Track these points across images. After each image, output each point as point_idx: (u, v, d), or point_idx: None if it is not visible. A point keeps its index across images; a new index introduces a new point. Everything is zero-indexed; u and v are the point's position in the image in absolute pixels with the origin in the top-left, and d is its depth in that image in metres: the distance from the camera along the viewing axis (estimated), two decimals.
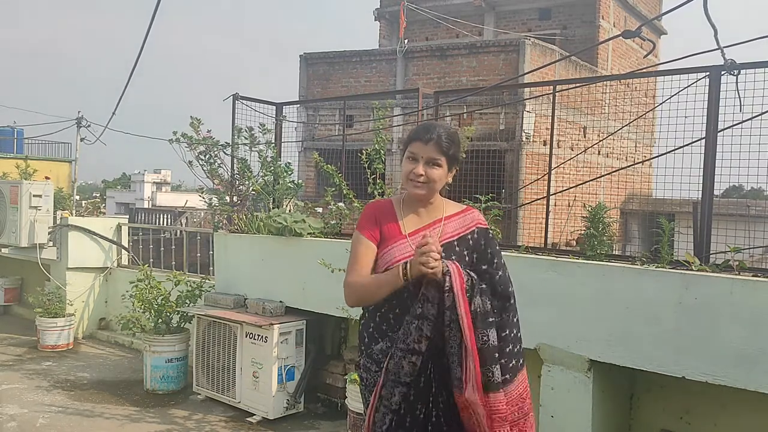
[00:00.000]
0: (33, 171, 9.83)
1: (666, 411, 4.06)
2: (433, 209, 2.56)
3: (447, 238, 2.49)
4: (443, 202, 2.61)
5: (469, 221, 2.57)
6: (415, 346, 2.33)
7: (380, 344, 2.46)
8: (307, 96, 14.92)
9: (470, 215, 2.59)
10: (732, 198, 7.70)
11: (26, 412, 5.34)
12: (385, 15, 18.83)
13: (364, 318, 2.60)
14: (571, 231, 8.84)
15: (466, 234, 2.53)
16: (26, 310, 8.82)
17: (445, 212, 2.56)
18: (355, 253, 2.53)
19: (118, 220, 8.78)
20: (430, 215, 2.55)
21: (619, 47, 16.99)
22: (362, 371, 2.54)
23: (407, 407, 2.40)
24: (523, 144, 11.99)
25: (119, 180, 58.00)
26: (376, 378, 2.46)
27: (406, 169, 2.48)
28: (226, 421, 5.30)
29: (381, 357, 2.44)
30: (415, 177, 2.45)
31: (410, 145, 2.49)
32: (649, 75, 6.51)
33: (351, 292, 2.48)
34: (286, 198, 6.32)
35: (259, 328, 5.26)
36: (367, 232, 2.52)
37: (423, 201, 2.53)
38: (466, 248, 2.50)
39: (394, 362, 2.37)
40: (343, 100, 8.21)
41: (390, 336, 2.44)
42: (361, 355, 2.55)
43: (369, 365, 2.49)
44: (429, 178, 2.45)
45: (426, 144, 2.45)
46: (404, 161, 2.50)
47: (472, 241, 2.52)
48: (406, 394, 2.39)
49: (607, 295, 3.80)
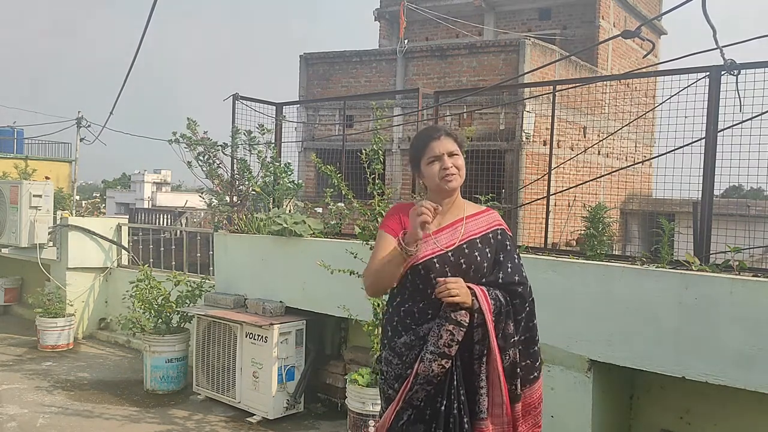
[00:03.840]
0: (33, 171, 9.84)
1: (666, 411, 4.05)
2: (455, 208, 2.61)
3: (470, 236, 2.54)
4: (464, 202, 2.66)
5: (492, 220, 2.63)
6: (446, 350, 2.39)
7: (404, 338, 2.50)
8: (307, 96, 14.92)
9: (491, 215, 2.66)
10: (732, 198, 7.70)
11: (26, 412, 5.34)
12: (385, 15, 18.83)
13: (388, 312, 2.65)
14: (571, 231, 8.85)
15: (488, 233, 2.58)
16: (26, 310, 8.82)
17: (466, 212, 2.61)
18: (375, 248, 2.60)
19: (118, 220, 8.78)
20: (453, 214, 2.59)
21: (619, 47, 16.98)
22: (383, 364, 2.58)
23: (427, 401, 2.45)
24: (523, 144, 11.98)
25: (119, 180, 57.99)
26: (396, 371, 2.50)
27: (433, 171, 2.53)
28: (226, 421, 5.30)
29: (404, 350, 2.49)
30: (445, 171, 2.51)
31: (426, 150, 2.54)
32: (649, 75, 6.51)
33: (367, 279, 2.57)
34: (285, 198, 6.32)
35: (259, 328, 5.26)
36: (390, 228, 2.58)
37: (450, 195, 2.57)
38: (488, 246, 2.55)
39: (424, 365, 2.41)
40: (343, 100, 8.22)
41: (414, 329, 2.48)
42: (384, 348, 2.60)
43: (391, 358, 2.53)
44: (457, 167, 2.53)
45: (440, 140, 2.54)
46: (426, 168, 2.55)
47: (494, 240, 2.58)
48: (428, 392, 2.44)
49: (607, 295, 3.80)
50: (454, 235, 2.53)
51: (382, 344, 2.62)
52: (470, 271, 2.48)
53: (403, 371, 2.48)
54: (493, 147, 11.51)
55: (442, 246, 2.50)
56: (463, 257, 2.49)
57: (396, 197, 10.74)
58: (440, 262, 2.47)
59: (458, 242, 2.51)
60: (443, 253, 2.48)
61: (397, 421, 2.47)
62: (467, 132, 5.34)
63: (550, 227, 5.27)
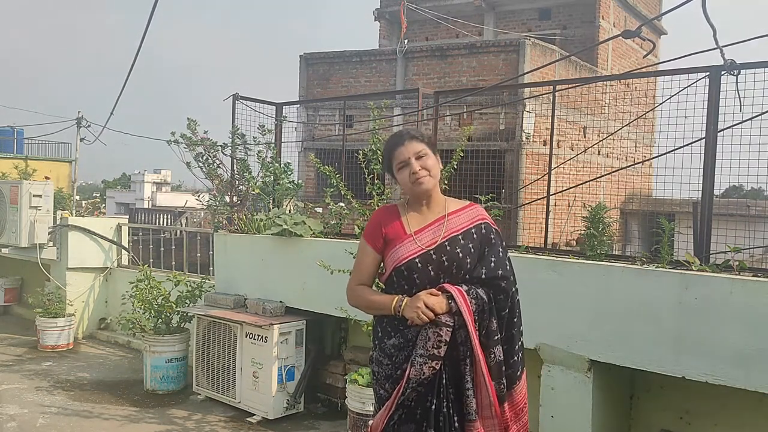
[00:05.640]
0: (33, 171, 9.84)
1: (666, 411, 4.05)
2: (436, 207, 2.61)
3: (452, 232, 2.55)
4: (445, 199, 2.66)
5: (475, 215, 2.62)
6: (435, 351, 2.42)
7: (393, 339, 2.53)
8: (307, 96, 14.91)
9: (474, 210, 2.65)
10: (732, 198, 7.70)
11: (26, 413, 5.34)
12: (385, 15, 18.82)
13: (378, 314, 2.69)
14: (571, 231, 8.85)
15: (470, 228, 2.57)
16: (26, 310, 8.82)
17: (447, 209, 2.61)
18: (358, 260, 2.69)
19: (118, 221, 8.79)
20: (434, 213, 2.60)
21: (619, 47, 16.97)
22: (374, 365, 2.62)
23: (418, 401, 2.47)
24: (523, 144, 11.98)
25: (119, 180, 57.95)
26: (387, 371, 2.53)
27: (404, 176, 2.56)
28: (225, 421, 5.30)
29: (393, 351, 2.52)
30: (414, 175, 2.52)
31: (394, 157, 2.58)
32: (649, 75, 6.51)
33: (351, 298, 2.68)
34: (285, 198, 6.32)
35: (259, 328, 5.26)
36: (370, 239, 2.63)
37: (427, 196, 2.59)
38: (471, 241, 2.55)
39: (415, 369, 2.43)
40: (343, 100, 8.21)
41: (402, 331, 2.51)
42: (374, 348, 2.64)
43: (381, 359, 2.57)
44: (426, 168, 2.53)
45: (404, 144, 2.56)
46: (398, 174, 2.59)
47: (477, 235, 2.57)
48: (419, 392, 2.46)
49: (607, 295, 3.80)
50: (437, 233, 2.54)
51: (373, 345, 2.66)
52: (452, 268, 2.50)
53: (393, 371, 2.51)
54: (493, 147, 11.51)
55: (424, 245, 2.52)
56: (445, 254, 2.51)
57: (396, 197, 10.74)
58: (422, 262, 2.50)
59: (440, 240, 2.52)
60: (425, 252, 2.51)
61: (388, 421, 2.49)
62: (467, 132, 5.35)
63: (550, 227, 5.27)
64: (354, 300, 2.66)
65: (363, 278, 2.64)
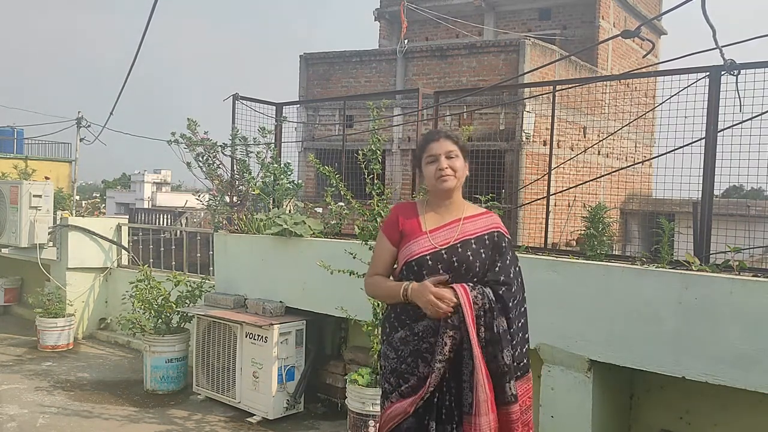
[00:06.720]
0: (32, 171, 9.83)
1: (666, 411, 4.05)
2: (454, 209, 2.66)
3: (465, 236, 2.60)
4: (464, 203, 2.71)
5: (490, 223, 2.67)
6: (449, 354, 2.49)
7: (400, 333, 2.59)
8: (307, 96, 14.92)
9: (490, 218, 2.71)
10: (732, 198, 7.70)
11: (26, 413, 5.34)
12: (385, 15, 18.83)
13: (386, 309, 2.75)
14: (571, 231, 8.84)
15: (483, 234, 2.63)
16: (26, 310, 8.82)
17: (464, 213, 2.67)
18: (375, 252, 2.79)
19: (118, 221, 8.78)
20: (451, 214, 2.65)
21: (619, 47, 16.98)
22: (381, 359, 2.69)
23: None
24: (523, 144, 11.98)
25: (119, 180, 57.94)
26: (392, 365, 2.59)
27: (430, 170, 2.62)
28: (226, 421, 5.30)
29: (399, 345, 2.58)
30: (440, 171, 2.59)
31: (426, 150, 2.64)
32: (649, 75, 6.51)
33: (367, 288, 2.77)
34: (285, 198, 6.32)
35: (259, 328, 5.26)
36: (387, 232, 2.71)
37: (448, 196, 2.64)
38: (482, 247, 2.60)
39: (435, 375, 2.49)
40: (343, 100, 8.20)
41: (409, 325, 2.57)
42: (383, 342, 2.70)
43: (388, 353, 2.63)
44: (453, 169, 2.60)
45: (438, 141, 2.63)
46: (425, 167, 2.64)
47: (489, 242, 2.62)
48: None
49: (607, 295, 3.80)
50: (451, 234, 2.59)
51: (381, 339, 2.72)
52: (462, 270, 2.55)
53: (398, 365, 2.56)
54: (493, 147, 11.51)
55: (437, 244, 2.57)
56: (456, 256, 2.56)
57: (396, 197, 10.74)
58: (433, 260, 2.55)
59: (453, 241, 2.58)
60: (437, 250, 2.56)
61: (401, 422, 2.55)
62: (467, 132, 5.35)
63: (550, 227, 5.27)
64: (370, 289, 2.74)
65: (379, 269, 2.71)
